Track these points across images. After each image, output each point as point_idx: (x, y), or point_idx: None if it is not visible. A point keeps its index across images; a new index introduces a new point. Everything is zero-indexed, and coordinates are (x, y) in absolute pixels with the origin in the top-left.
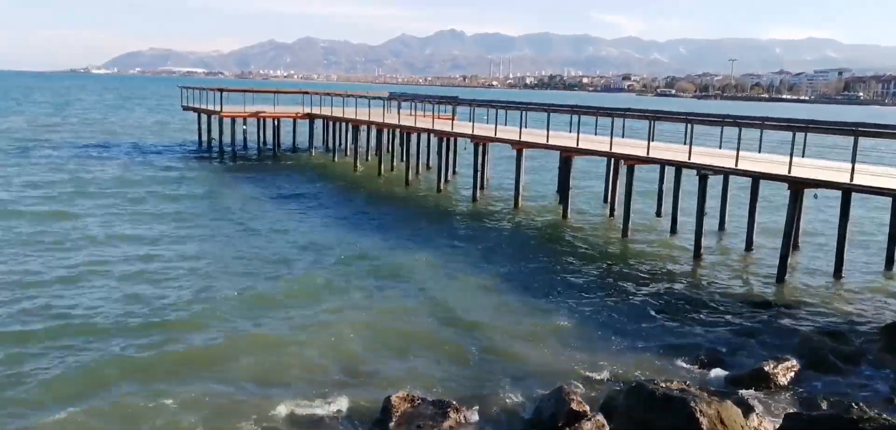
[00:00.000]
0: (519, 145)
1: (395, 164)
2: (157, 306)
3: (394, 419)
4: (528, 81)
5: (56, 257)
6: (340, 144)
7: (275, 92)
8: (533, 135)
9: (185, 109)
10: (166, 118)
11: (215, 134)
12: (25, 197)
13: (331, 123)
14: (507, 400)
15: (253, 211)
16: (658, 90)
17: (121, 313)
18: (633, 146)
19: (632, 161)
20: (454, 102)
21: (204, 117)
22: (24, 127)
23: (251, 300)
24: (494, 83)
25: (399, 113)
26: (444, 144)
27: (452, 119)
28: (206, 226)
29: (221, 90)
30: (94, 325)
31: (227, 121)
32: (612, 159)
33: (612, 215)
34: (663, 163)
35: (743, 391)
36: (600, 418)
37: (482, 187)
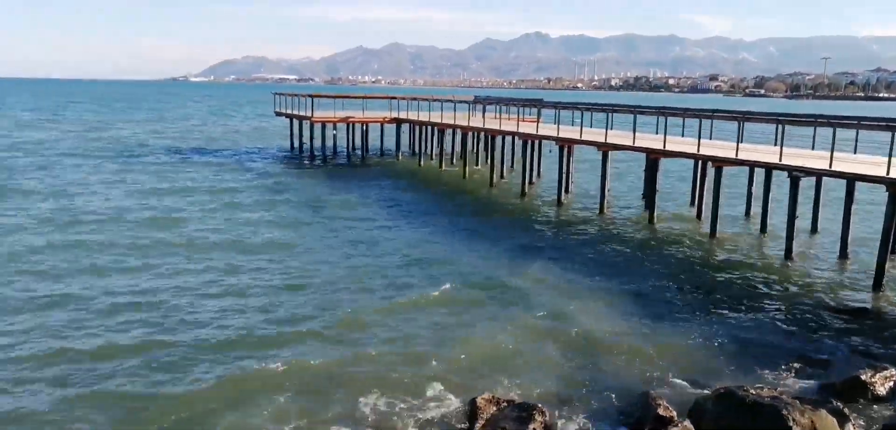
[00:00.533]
0: (605, 147)
1: (480, 166)
2: (276, 317)
3: (480, 421)
4: (613, 83)
5: (171, 266)
6: (426, 148)
7: (363, 97)
8: (619, 137)
9: (278, 114)
10: (261, 124)
11: (307, 139)
12: (132, 205)
13: (417, 127)
14: (593, 404)
15: (347, 216)
16: (747, 90)
17: (243, 323)
18: (721, 148)
19: (720, 163)
20: (539, 104)
21: (296, 122)
22: (131, 134)
23: (355, 309)
24: (579, 85)
25: (484, 116)
26: (528, 147)
27: (537, 121)
28: (308, 234)
29: (313, 96)
30: (224, 337)
31: (317, 126)
32: (700, 161)
33: (699, 217)
34: (753, 164)
35: (837, 401)
36: (688, 424)
37: (567, 190)
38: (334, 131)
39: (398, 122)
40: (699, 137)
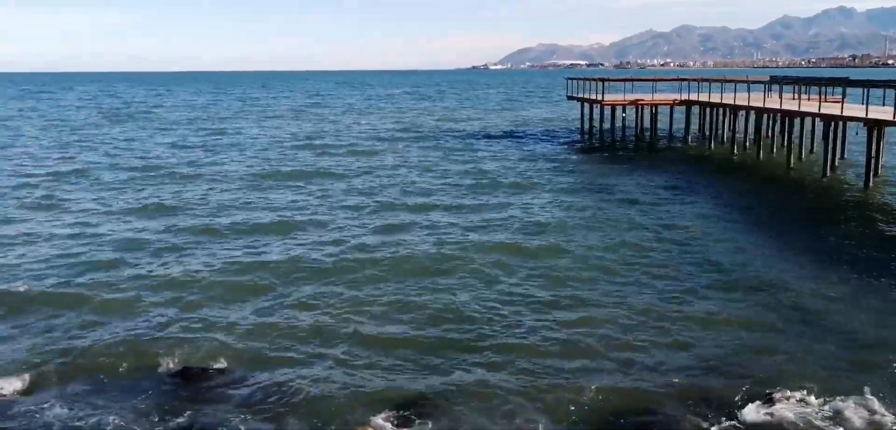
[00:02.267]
0: None
1: (774, 151)
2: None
3: (776, 416)
4: None
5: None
6: (717, 130)
7: (653, 80)
8: None
9: (570, 98)
10: (553, 108)
11: (596, 122)
12: (437, 187)
13: (707, 109)
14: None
15: (640, 202)
16: None
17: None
18: None
19: None
20: (845, 83)
21: (586, 106)
22: (435, 120)
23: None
24: (890, 62)
25: (781, 97)
26: (830, 129)
27: (842, 102)
28: (603, 220)
29: (603, 80)
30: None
31: (607, 109)
32: None
33: None
34: None
35: None
36: None
37: (876, 175)
38: (624, 114)
39: (688, 104)
40: None
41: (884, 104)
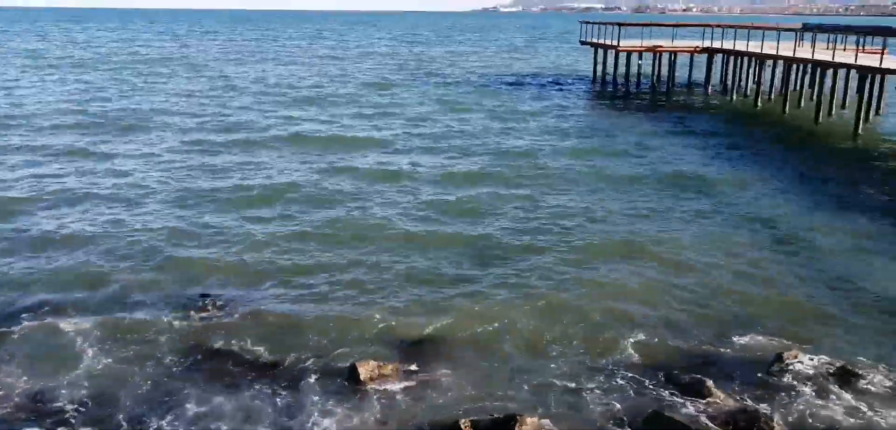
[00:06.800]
0: None
1: (802, 104)
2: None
3: (788, 374)
4: None
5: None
6: (740, 81)
7: (674, 25)
8: None
9: (583, 43)
10: (565, 53)
11: (610, 69)
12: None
13: (731, 58)
14: None
15: (650, 155)
16: None
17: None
18: None
19: None
20: (886, 32)
21: (600, 52)
22: (445, 61)
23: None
24: None
25: (813, 46)
26: (867, 82)
27: (882, 53)
28: (608, 174)
29: (620, 24)
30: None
31: (622, 55)
32: None
33: None
34: None
35: None
36: None
37: None
38: (640, 61)
39: (711, 52)
40: None
41: None
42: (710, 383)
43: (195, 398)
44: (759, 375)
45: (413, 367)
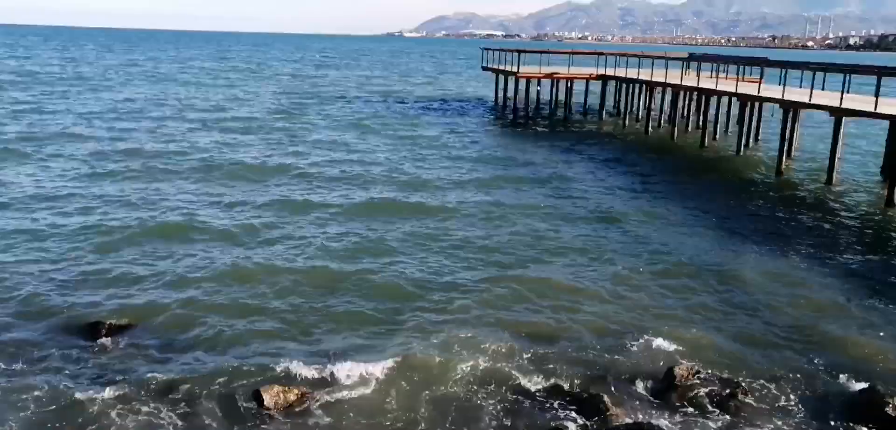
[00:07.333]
0: (838, 112)
1: (690, 129)
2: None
3: (676, 390)
4: (852, 42)
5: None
6: (632, 107)
7: (570, 53)
8: (857, 102)
9: (485, 69)
10: (468, 78)
11: (511, 93)
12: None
13: (624, 85)
14: (804, 393)
15: (541, 175)
16: None
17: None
18: None
19: None
20: (763, 63)
21: (501, 77)
22: (356, 88)
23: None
24: (809, 44)
25: (698, 75)
26: (747, 109)
27: (759, 82)
28: (499, 192)
29: (519, 51)
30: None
31: (522, 81)
32: None
33: None
34: None
35: None
36: None
37: (789, 157)
38: (538, 87)
39: (605, 78)
40: None
41: (801, 86)
42: (607, 398)
43: (89, 424)
44: (654, 389)
45: (317, 393)
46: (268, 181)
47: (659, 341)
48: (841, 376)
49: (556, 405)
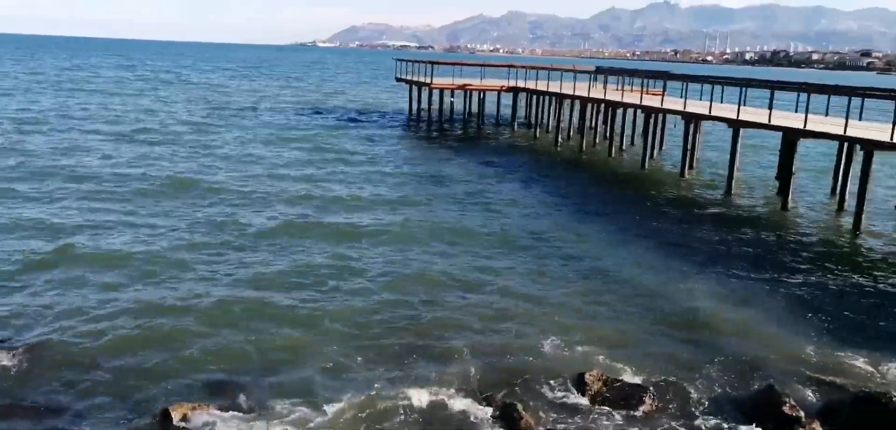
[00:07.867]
0: (736, 124)
1: (597, 140)
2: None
3: (587, 396)
4: (747, 57)
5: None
6: (543, 118)
7: (483, 65)
8: (753, 114)
9: (399, 80)
10: (383, 89)
11: (425, 104)
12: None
13: (534, 97)
14: (709, 394)
15: (460, 186)
16: None
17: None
18: (873, 130)
19: (871, 146)
20: (665, 76)
21: (415, 88)
22: (289, 99)
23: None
24: (709, 59)
25: (605, 87)
26: (651, 121)
27: (662, 95)
28: (416, 199)
29: (433, 63)
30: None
31: (436, 92)
32: (846, 144)
33: (841, 208)
34: None
35: None
36: (817, 426)
37: (691, 167)
38: (452, 98)
39: (515, 91)
40: (847, 118)
41: (701, 99)
42: (520, 406)
43: None
44: (566, 395)
45: (228, 411)
46: (178, 198)
47: (570, 349)
48: (742, 375)
49: (471, 418)
